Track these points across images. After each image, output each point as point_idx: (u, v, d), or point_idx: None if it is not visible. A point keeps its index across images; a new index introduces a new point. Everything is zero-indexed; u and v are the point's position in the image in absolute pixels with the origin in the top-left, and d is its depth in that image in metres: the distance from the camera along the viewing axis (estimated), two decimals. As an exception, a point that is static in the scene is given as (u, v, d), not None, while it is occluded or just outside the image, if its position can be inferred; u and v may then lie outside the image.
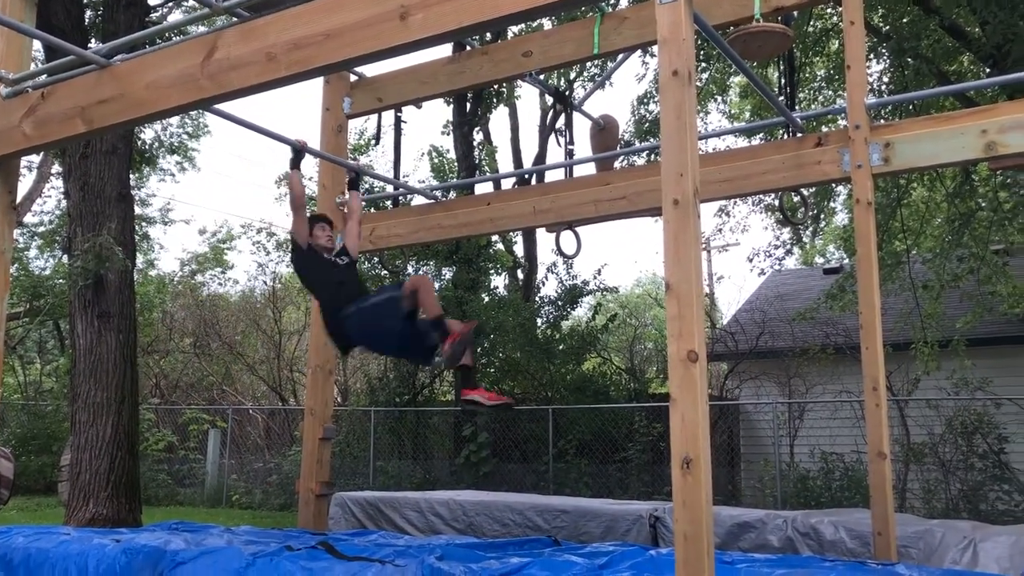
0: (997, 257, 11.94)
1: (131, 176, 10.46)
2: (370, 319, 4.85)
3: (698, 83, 13.63)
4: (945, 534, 5.13)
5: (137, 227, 13.22)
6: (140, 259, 20.58)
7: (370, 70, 7.47)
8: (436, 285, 15.61)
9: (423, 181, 16.46)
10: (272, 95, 27.62)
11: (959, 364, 11.40)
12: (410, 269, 15.10)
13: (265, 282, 20.79)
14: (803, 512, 5.99)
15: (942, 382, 11.41)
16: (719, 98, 16.14)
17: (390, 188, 9.83)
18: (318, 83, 7.22)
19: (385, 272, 13.57)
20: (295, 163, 5.36)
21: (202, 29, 5.46)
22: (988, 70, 10.51)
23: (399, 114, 7.45)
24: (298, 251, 5.25)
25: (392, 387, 15.00)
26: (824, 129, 10.39)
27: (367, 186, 15.47)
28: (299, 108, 52.91)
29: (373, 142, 17.31)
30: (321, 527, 6.34)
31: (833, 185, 12.39)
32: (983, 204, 11.92)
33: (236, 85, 4.05)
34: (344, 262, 5.33)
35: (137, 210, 15.37)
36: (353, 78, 7.34)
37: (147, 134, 17.17)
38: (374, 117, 8.20)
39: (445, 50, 7.23)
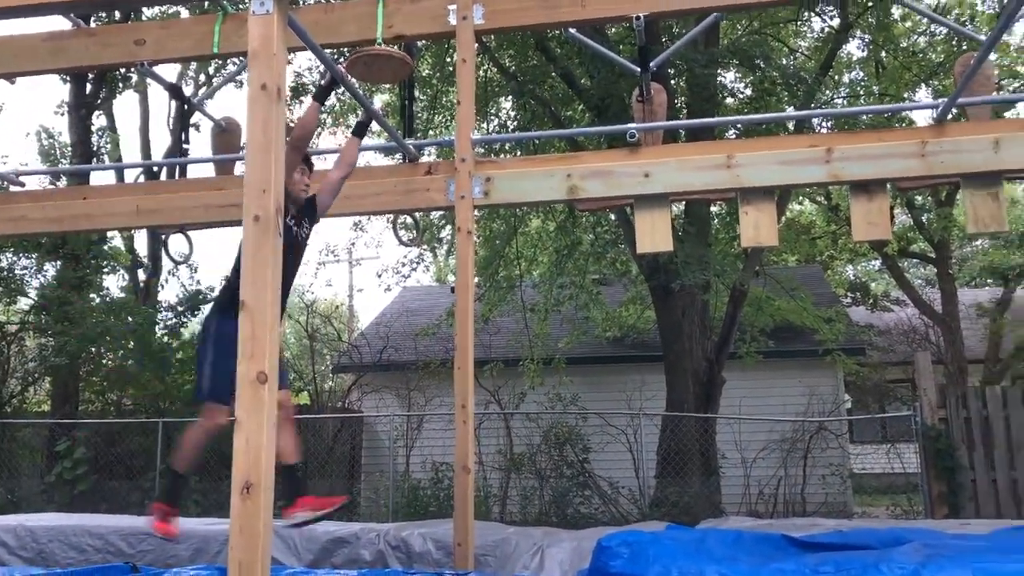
0: (593, 286, 13.43)
1: None
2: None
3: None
4: (519, 541, 5.58)
5: None
6: None
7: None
8: (37, 282, 13.93)
9: (24, 164, 14.63)
10: None
11: (559, 380, 12.63)
12: (3, 262, 13.32)
13: None
14: (396, 525, 6.19)
15: (541, 397, 12.53)
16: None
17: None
18: None
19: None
20: (324, 95, 4.68)
21: None
22: (595, 119, 11.78)
23: (-15, 87, 6.67)
24: None
25: (-29, 396, 13.09)
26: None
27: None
28: None
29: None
30: None
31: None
32: (588, 238, 13.33)
33: None
34: (306, 229, 4.40)
35: None
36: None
37: None
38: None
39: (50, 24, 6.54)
